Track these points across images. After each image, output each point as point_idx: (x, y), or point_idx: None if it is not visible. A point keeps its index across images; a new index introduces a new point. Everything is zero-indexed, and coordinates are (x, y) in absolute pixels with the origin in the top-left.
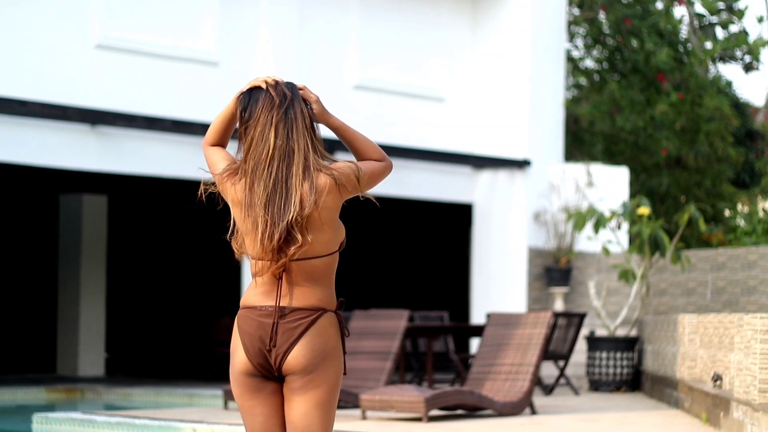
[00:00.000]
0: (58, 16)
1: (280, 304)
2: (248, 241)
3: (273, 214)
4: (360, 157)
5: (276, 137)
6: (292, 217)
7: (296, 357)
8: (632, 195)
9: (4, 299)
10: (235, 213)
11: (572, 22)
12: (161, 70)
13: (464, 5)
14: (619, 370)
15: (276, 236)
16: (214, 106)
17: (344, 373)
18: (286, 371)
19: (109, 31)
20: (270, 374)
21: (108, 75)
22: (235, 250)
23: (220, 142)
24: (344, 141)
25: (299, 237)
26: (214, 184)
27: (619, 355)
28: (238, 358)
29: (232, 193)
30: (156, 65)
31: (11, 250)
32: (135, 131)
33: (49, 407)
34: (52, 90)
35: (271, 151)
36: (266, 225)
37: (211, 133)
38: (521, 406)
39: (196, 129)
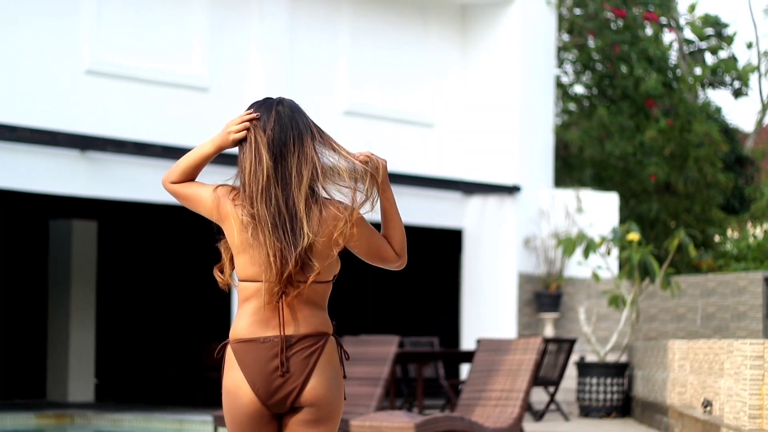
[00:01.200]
0: (48, 41)
1: (286, 333)
2: (246, 260)
3: (285, 239)
4: (385, 235)
5: (272, 160)
6: (307, 243)
7: (315, 388)
8: (622, 221)
9: None
10: (235, 232)
11: (562, 48)
12: (151, 96)
13: (453, 32)
14: (609, 396)
15: (292, 262)
16: (204, 132)
17: (344, 398)
18: (302, 404)
19: (99, 56)
20: (280, 411)
21: (98, 100)
22: (219, 279)
23: (188, 180)
24: (383, 215)
25: (316, 264)
26: (222, 237)
27: (609, 380)
28: (244, 398)
29: (233, 212)
30: (146, 91)
31: (0, 275)
32: (125, 157)
33: None
34: (41, 115)
35: (271, 174)
36: (278, 250)
37: (180, 173)
38: None
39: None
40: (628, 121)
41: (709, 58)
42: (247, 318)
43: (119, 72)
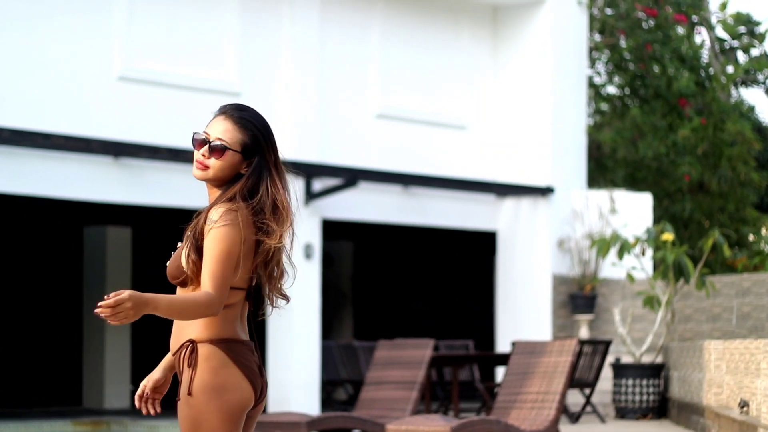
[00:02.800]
0: (81, 48)
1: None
2: (244, 272)
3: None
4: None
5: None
6: None
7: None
8: (655, 221)
9: (30, 332)
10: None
11: (593, 48)
12: (184, 102)
13: (485, 33)
14: (645, 397)
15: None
16: None
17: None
18: (261, 400)
19: (131, 63)
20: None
21: (131, 107)
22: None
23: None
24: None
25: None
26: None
27: (645, 382)
28: (246, 393)
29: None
30: (178, 96)
31: (36, 282)
32: (158, 163)
33: None
34: (75, 123)
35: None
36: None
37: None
38: None
39: None
40: (661, 120)
41: (742, 57)
42: (232, 322)
43: (151, 78)
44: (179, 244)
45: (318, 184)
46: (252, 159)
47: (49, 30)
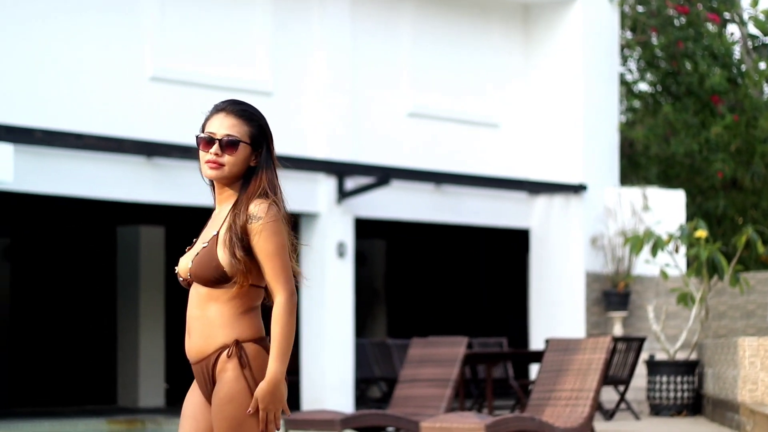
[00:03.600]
0: (113, 48)
1: None
2: None
3: None
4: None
5: None
6: None
7: None
8: (689, 218)
9: (65, 331)
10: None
11: (625, 46)
12: (216, 101)
13: (516, 31)
14: (679, 394)
15: None
16: None
17: None
18: None
19: (163, 62)
20: None
21: (163, 107)
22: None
23: None
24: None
25: None
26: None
27: (679, 378)
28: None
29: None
30: (210, 96)
31: (70, 282)
32: (191, 162)
33: None
34: (107, 123)
35: None
36: None
37: None
38: None
39: None
40: (693, 117)
41: None
42: (260, 319)
43: (183, 78)
44: (200, 245)
45: (350, 183)
46: (260, 150)
47: (81, 31)
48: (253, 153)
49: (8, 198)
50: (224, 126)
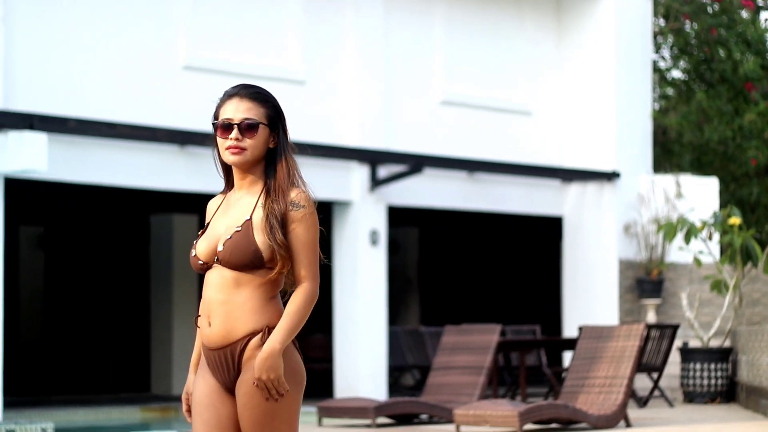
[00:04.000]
0: (146, 38)
1: None
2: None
3: None
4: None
5: None
6: None
7: None
8: (722, 205)
9: (98, 320)
10: None
11: (658, 33)
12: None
13: (549, 18)
14: (713, 381)
15: None
16: (301, 125)
17: None
18: None
19: (196, 52)
20: None
21: (196, 95)
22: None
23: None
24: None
25: None
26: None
27: (713, 366)
28: (305, 378)
29: None
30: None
31: (103, 271)
32: None
33: (144, 426)
34: (141, 112)
35: None
36: None
37: None
38: (616, 419)
39: None
40: (727, 104)
41: None
42: (282, 306)
43: (216, 67)
44: (229, 230)
45: (383, 171)
46: (276, 131)
47: (113, 20)
48: (271, 134)
49: (42, 187)
50: (240, 110)
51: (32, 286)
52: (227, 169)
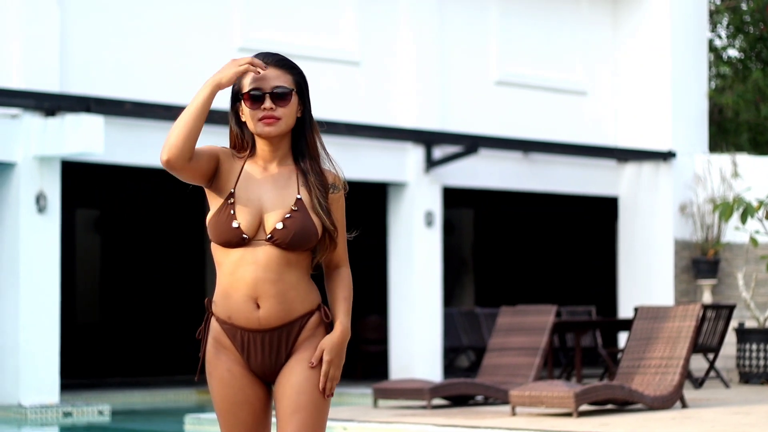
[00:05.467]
0: (201, 20)
1: None
2: None
3: None
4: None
5: None
6: None
7: None
8: None
9: (154, 302)
10: None
11: (714, 12)
12: (304, 71)
13: None
14: None
15: None
16: (357, 106)
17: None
18: None
19: (251, 33)
20: None
21: None
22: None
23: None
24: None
25: None
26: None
27: None
28: None
29: None
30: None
31: (159, 253)
32: None
33: (200, 408)
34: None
35: None
36: None
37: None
38: (672, 400)
39: (340, 129)
40: None
41: None
42: None
43: (271, 48)
44: (283, 207)
45: (438, 152)
46: (303, 99)
47: (169, 2)
48: (299, 102)
49: (98, 170)
50: (270, 78)
51: (89, 269)
52: (251, 141)
